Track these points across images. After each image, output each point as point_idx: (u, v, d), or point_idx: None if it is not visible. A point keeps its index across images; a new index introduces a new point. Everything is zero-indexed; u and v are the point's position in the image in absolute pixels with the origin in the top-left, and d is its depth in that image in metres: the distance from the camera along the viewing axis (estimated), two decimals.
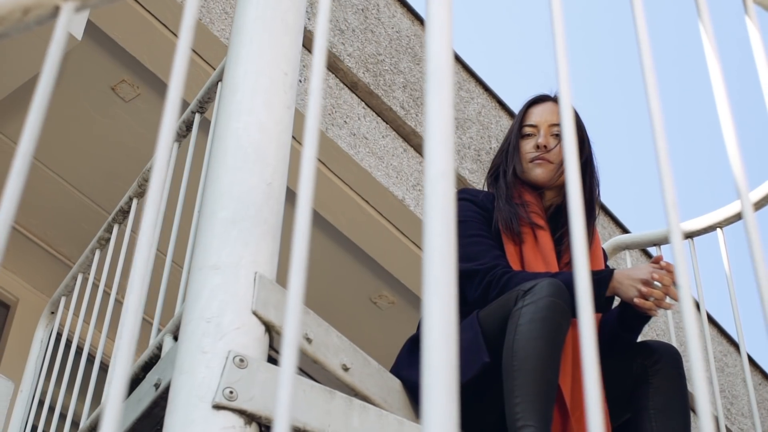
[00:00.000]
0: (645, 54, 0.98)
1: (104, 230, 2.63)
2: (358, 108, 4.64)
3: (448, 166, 0.79)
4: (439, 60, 0.85)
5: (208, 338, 1.54)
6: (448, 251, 0.74)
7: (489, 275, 2.22)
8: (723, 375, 6.64)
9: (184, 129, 2.40)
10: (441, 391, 0.68)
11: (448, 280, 0.73)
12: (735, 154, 1.01)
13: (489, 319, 2.10)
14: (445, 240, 0.75)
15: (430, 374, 0.70)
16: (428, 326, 0.71)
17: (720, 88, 1.05)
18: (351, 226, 4.69)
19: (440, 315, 0.71)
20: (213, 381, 1.50)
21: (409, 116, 4.87)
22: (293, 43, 1.97)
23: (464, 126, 5.24)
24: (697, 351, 0.87)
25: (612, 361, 2.23)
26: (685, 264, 0.91)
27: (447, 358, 0.69)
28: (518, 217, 2.37)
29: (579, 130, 2.55)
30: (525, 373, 1.91)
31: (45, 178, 4.75)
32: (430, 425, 0.67)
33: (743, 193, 1.00)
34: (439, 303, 0.71)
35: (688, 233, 2.71)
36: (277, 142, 1.81)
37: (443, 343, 0.69)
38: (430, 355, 0.70)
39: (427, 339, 0.71)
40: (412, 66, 5.10)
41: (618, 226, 6.02)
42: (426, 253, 0.74)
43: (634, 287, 2.14)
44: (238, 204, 1.69)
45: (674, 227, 0.92)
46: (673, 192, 0.91)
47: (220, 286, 1.59)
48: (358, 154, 4.48)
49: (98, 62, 4.19)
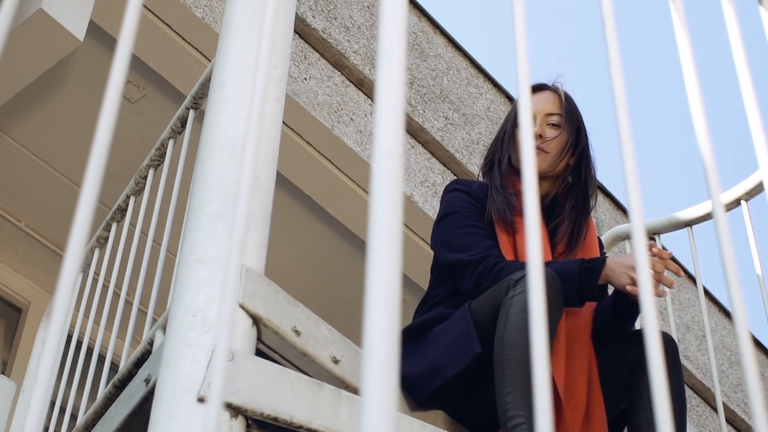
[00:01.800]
0: (610, 31, 0.97)
1: (103, 229, 2.63)
2: (365, 105, 4.63)
3: (397, 143, 0.78)
4: (391, 36, 0.83)
5: (194, 332, 1.53)
6: (393, 229, 0.73)
7: (481, 266, 2.20)
8: (740, 368, 6.59)
9: (179, 125, 2.40)
10: (380, 376, 0.67)
11: (394, 257, 0.72)
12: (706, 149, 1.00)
13: (481, 309, 2.08)
14: (391, 218, 0.74)
15: (370, 369, 0.69)
16: (371, 302, 0.69)
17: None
18: (359, 223, 4.68)
19: (384, 291, 0.69)
20: (198, 374, 1.49)
21: (416, 113, 4.86)
22: (283, 37, 1.97)
23: (473, 122, 5.22)
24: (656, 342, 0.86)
25: (607, 349, 2.21)
26: (645, 254, 0.89)
27: (387, 336, 0.68)
28: (511, 206, 2.35)
29: (576, 120, 2.52)
30: (515, 363, 1.89)
31: (54, 181, 4.76)
32: (370, 398, 0.65)
33: (714, 194, 0.98)
34: (383, 281, 0.70)
35: (687, 221, 2.68)
36: (266, 135, 1.81)
37: (383, 314, 0.68)
38: (371, 332, 0.68)
39: (370, 313, 0.69)
40: (419, 62, 5.08)
41: (625, 214, 5.99)
42: (372, 230, 0.73)
43: (627, 275, 2.11)
44: (225, 197, 1.68)
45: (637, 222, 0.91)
46: (635, 173, 0.90)
47: (207, 280, 1.58)
48: (364, 151, 4.47)
49: (103, 63, 4.20)
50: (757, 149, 1.02)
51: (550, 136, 2.47)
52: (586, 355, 2.15)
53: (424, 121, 4.87)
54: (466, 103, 5.27)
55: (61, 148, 4.59)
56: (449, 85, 5.23)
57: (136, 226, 2.42)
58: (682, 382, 2.18)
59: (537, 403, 0.74)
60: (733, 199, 2.59)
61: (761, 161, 1.02)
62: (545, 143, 2.46)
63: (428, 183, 4.76)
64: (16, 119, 4.47)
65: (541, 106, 2.52)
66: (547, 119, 2.50)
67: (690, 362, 6.02)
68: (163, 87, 4.26)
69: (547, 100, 2.53)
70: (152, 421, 1.47)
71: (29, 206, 4.88)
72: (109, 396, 1.93)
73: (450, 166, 4.96)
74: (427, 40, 5.25)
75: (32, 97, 4.29)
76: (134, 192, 2.52)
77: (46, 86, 4.29)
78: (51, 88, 4.32)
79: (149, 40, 3.98)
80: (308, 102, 4.27)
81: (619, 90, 0.96)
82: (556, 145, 2.46)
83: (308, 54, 4.45)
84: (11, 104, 4.23)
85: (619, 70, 0.95)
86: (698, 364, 6.02)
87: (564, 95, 2.54)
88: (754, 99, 1.02)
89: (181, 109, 2.37)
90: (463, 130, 5.13)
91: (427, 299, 2.33)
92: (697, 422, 5.89)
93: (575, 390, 2.09)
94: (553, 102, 2.52)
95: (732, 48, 1.07)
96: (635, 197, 0.92)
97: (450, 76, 5.27)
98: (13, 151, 4.60)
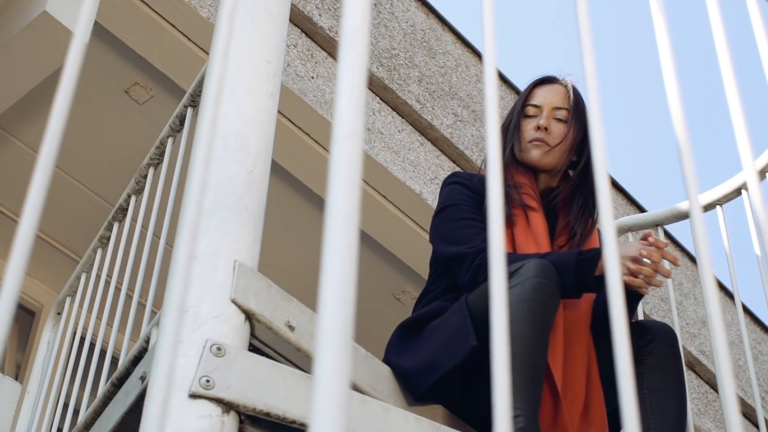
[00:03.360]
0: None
1: (105, 229, 2.63)
2: (373, 103, 4.62)
3: (357, 126, 0.77)
4: (352, 20, 0.82)
5: (186, 328, 1.53)
6: (350, 212, 0.72)
7: (478, 258, 2.18)
8: (757, 363, 6.54)
9: (178, 123, 2.40)
10: (333, 360, 0.66)
11: (350, 244, 0.71)
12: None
13: (477, 302, 2.06)
14: (349, 202, 0.73)
15: (321, 362, 0.69)
16: (325, 285, 0.68)
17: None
18: (369, 222, 4.67)
19: (339, 273, 0.68)
20: (190, 370, 1.48)
21: (425, 110, 4.84)
22: (277, 32, 1.96)
23: (482, 119, 5.20)
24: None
25: (606, 341, 2.18)
26: (613, 246, 0.88)
27: (341, 320, 0.67)
28: (510, 198, 2.33)
29: (584, 118, 2.49)
30: (511, 355, 1.87)
31: (66, 185, 4.77)
32: (321, 379, 0.65)
33: (691, 193, 0.96)
34: (339, 264, 0.69)
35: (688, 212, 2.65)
36: (260, 130, 1.80)
37: (336, 297, 0.67)
38: (325, 310, 0.67)
39: (323, 292, 0.68)
40: (427, 60, 5.07)
41: (633, 204, 5.96)
42: (328, 215, 0.72)
43: (623, 265, 2.08)
44: (217, 193, 1.67)
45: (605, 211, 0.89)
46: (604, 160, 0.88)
47: (199, 275, 1.58)
48: (373, 149, 4.46)
49: (110, 65, 4.20)
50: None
51: (555, 131, 2.44)
52: (585, 347, 2.13)
53: (433, 118, 4.86)
54: (476, 100, 5.25)
55: (69, 150, 4.60)
56: (458, 82, 5.21)
57: (137, 224, 2.42)
58: (682, 372, 2.16)
59: (496, 400, 0.73)
60: (734, 188, 2.57)
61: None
62: (549, 136, 2.43)
63: (438, 180, 4.74)
64: (25, 122, 4.48)
65: (548, 99, 2.49)
66: (554, 113, 2.47)
67: (706, 357, 5.98)
68: (170, 88, 4.26)
69: (557, 93, 2.50)
70: (144, 418, 1.46)
71: (42, 210, 4.89)
72: (107, 394, 1.92)
73: (460, 163, 4.94)
74: (435, 38, 5.23)
75: (40, 99, 4.30)
76: (135, 191, 2.52)
77: (53, 89, 4.30)
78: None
79: (155, 41, 3.98)
80: (316, 101, 4.26)
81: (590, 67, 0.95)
82: (560, 140, 2.43)
83: (315, 53, 4.45)
84: (19, 107, 4.24)
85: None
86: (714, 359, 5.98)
87: (573, 91, 2.52)
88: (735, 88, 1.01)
89: (179, 107, 2.37)
90: (472, 126, 5.12)
91: (426, 293, 2.31)
92: (714, 417, 5.85)
93: (574, 383, 2.06)
94: (561, 96, 2.49)
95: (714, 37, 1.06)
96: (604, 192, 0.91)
97: (459, 73, 5.25)
98: (22, 154, 4.62)
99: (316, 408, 0.64)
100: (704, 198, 2.65)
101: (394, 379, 1.93)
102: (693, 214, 0.89)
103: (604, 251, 0.78)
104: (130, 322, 2.14)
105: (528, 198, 2.34)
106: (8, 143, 4.58)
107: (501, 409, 0.70)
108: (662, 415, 2.06)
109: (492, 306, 0.79)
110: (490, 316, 0.78)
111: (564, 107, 2.47)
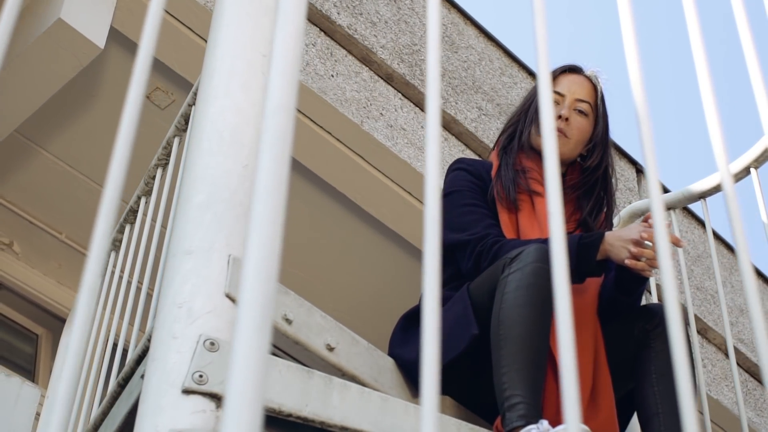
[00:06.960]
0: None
1: (117, 232, 2.63)
2: (395, 99, 4.60)
3: (289, 99, 0.75)
4: None
5: (179, 323, 1.51)
6: (277, 185, 0.70)
7: (480, 245, 2.15)
8: None
9: (183, 123, 2.39)
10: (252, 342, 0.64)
11: (275, 216, 0.69)
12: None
13: (478, 290, 2.03)
14: (276, 174, 0.71)
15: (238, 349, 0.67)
16: (246, 259, 0.67)
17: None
18: (394, 218, 4.65)
19: (260, 247, 0.67)
20: (183, 366, 1.47)
21: (448, 104, 4.81)
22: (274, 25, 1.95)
23: (507, 112, 5.16)
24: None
25: (613, 325, 2.15)
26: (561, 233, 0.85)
27: (259, 300, 0.65)
28: (516, 184, 2.29)
29: (606, 116, 2.46)
30: (511, 341, 1.84)
31: (92, 192, 4.79)
32: (237, 360, 0.63)
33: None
34: (262, 237, 0.67)
35: (700, 194, 2.60)
36: (255, 124, 1.78)
37: (256, 274, 0.65)
38: (244, 294, 0.66)
39: (244, 272, 0.67)
40: (449, 54, 5.04)
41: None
42: (256, 186, 0.70)
43: (625, 248, 2.05)
44: (212, 188, 1.66)
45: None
46: None
47: (192, 271, 1.56)
48: (396, 146, 4.44)
49: (130, 71, 4.21)
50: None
51: (575, 123, 2.41)
52: (592, 333, 2.10)
53: (456, 112, 4.83)
54: (500, 93, 5.21)
55: (97, 159, 4.62)
56: (482, 76, 5.17)
57: (145, 225, 2.41)
58: (690, 355, 2.12)
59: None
60: (743, 167, 2.49)
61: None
62: (568, 127, 2.40)
63: None
64: (51, 133, 4.51)
65: (573, 89, 2.45)
66: (576, 104, 2.43)
67: (745, 345, 5.89)
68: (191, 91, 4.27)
69: (581, 84, 2.46)
70: (139, 414, 1.46)
71: (69, 218, 4.92)
72: (114, 394, 1.92)
73: (485, 156, 4.91)
74: (457, 32, 5.20)
75: (65, 109, 4.33)
76: (144, 192, 2.51)
77: (78, 98, 4.32)
78: (83, 100, 4.35)
79: (173, 45, 3.99)
80: (336, 99, 4.25)
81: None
82: (578, 133, 2.40)
83: (334, 51, 4.43)
84: (44, 118, 4.27)
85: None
86: (753, 347, 5.89)
87: (598, 86, 2.48)
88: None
89: (183, 106, 2.36)
90: (498, 120, 5.08)
91: None
92: (755, 406, 5.76)
93: (580, 369, 2.03)
94: (586, 89, 2.45)
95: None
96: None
97: (482, 67, 5.22)
98: (49, 164, 4.65)
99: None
100: (735, 165, 2.52)
101: (398, 371, 1.91)
102: (724, 183, 0.86)
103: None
104: (137, 322, 2.14)
105: (534, 183, 2.31)
106: (36, 154, 4.61)
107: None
108: (670, 399, 2.02)
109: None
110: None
111: (586, 100, 2.43)
